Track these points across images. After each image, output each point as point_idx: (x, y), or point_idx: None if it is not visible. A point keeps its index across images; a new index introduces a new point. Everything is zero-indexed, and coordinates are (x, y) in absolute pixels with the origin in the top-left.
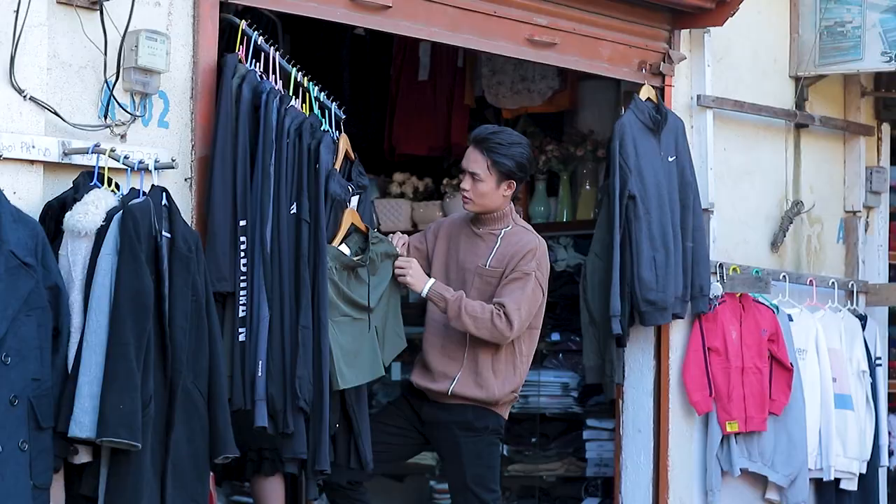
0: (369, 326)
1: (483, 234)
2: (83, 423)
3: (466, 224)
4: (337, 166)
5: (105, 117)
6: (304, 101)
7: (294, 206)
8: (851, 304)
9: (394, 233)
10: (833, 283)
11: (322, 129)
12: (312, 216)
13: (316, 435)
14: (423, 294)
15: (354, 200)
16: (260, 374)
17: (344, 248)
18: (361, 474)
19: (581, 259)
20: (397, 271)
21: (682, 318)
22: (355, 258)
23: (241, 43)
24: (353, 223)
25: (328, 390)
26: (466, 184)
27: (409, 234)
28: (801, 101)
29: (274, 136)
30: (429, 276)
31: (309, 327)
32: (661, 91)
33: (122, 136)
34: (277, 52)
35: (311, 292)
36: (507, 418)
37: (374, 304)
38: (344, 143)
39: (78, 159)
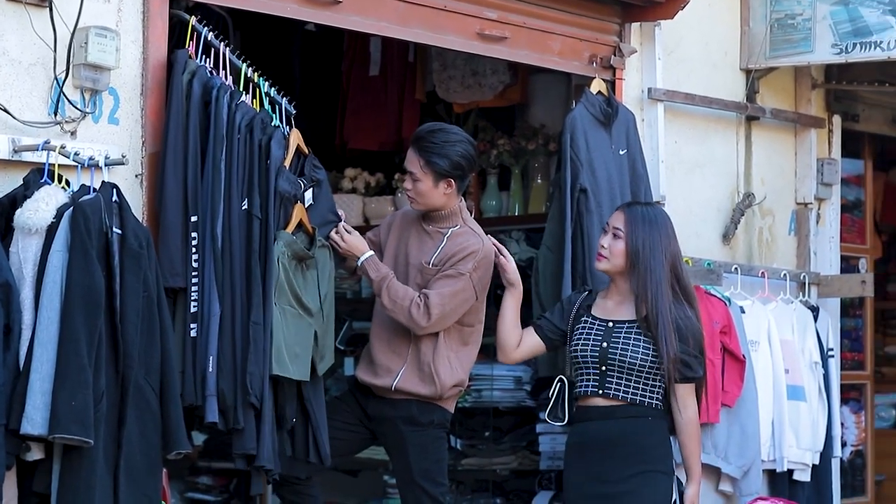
0: (310, 326)
1: (431, 231)
2: (35, 419)
3: (417, 220)
4: (287, 162)
5: (55, 114)
6: (254, 96)
7: (245, 201)
8: (803, 296)
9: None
10: (785, 274)
11: (273, 124)
12: (263, 212)
13: (259, 431)
14: (357, 265)
15: (309, 195)
16: (211, 369)
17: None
18: (312, 468)
19: (533, 252)
20: (333, 238)
21: None
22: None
23: (192, 39)
24: (301, 220)
25: (279, 386)
26: (408, 183)
27: (363, 229)
28: (751, 94)
29: (225, 132)
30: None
31: (260, 323)
32: (611, 84)
33: (73, 133)
34: (228, 48)
35: (261, 288)
36: (452, 411)
37: (316, 307)
38: (296, 138)
39: (28, 156)
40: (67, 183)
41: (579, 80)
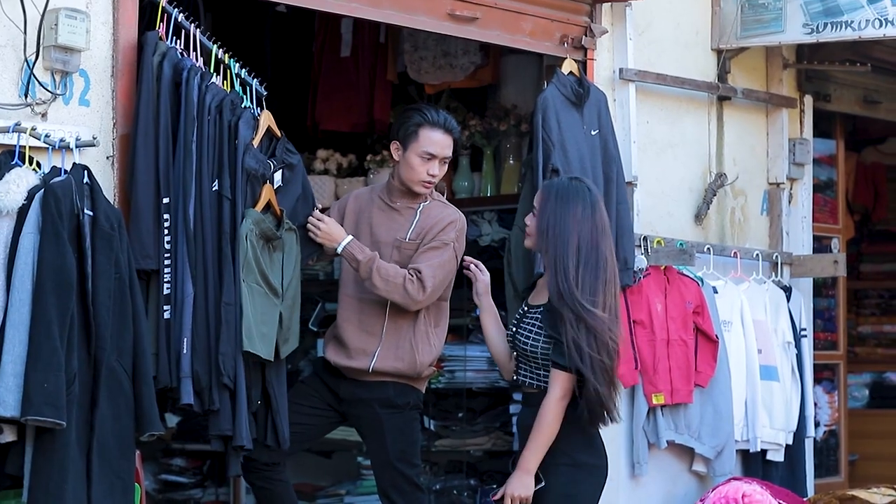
0: (276, 307)
1: (400, 207)
2: (7, 401)
3: (378, 197)
4: (256, 142)
5: (26, 96)
6: (225, 78)
7: (216, 182)
8: (776, 276)
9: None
10: (757, 254)
11: (243, 105)
12: (231, 193)
13: (235, 412)
14: (339, 251)
15: (278, 176)
16: (185, 351)
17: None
18: (279, 453)
19: (505, 233)
20: (310, 228)
21: None
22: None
23: (162, 20)
24: (269, 200)
25: (244, 367)
26: (437, 169)
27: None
28: (723, 74)
29: (195, 113)
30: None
31: (232, 304)
32: (583, 65)
33: (43, 115)
34: (198, 30)
35: (233, 268)
36: (424, 392)
37: (281, 290)
38: (266, 119)
39: None
40: (38, 165)
41: (551, 60)
